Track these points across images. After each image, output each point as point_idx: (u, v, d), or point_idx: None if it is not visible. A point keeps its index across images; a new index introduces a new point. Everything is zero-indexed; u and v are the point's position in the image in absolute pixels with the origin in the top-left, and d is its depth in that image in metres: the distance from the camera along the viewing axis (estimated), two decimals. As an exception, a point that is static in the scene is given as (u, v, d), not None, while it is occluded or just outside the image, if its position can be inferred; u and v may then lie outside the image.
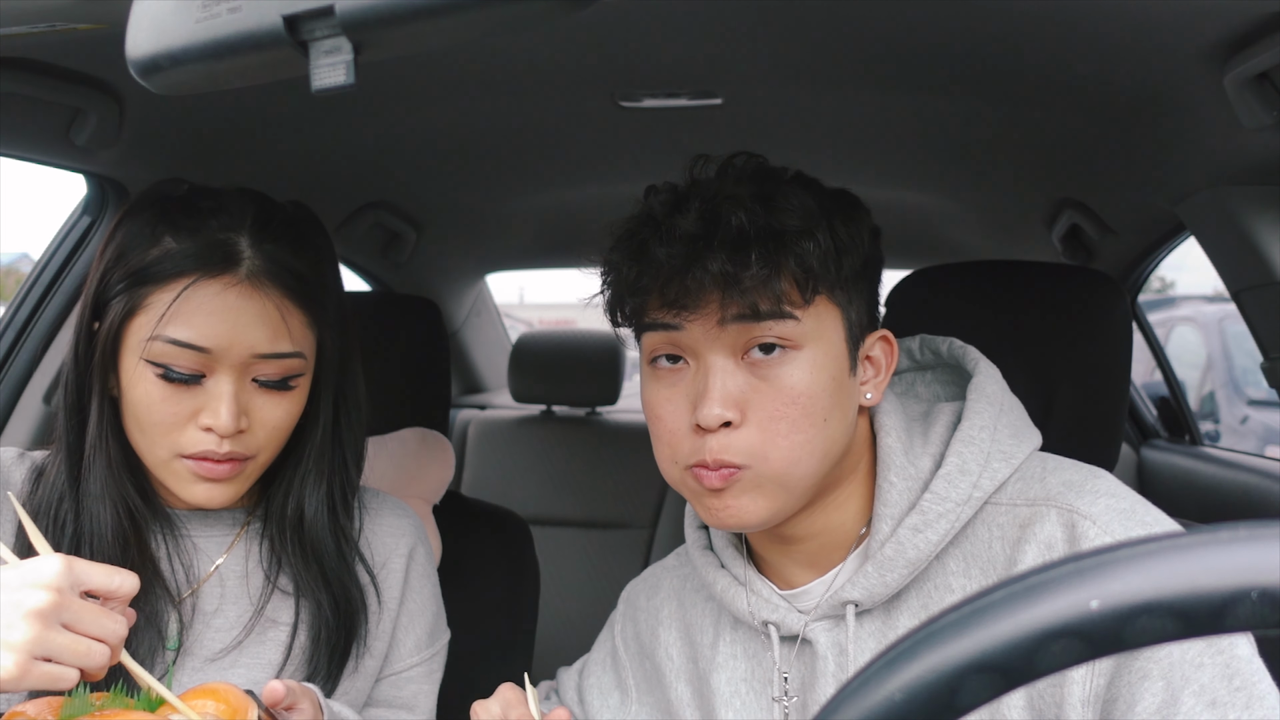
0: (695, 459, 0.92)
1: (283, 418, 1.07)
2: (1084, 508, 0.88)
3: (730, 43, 1.22)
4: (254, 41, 0.51)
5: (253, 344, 1.02)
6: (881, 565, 0.93)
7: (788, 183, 0.94)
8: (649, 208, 0.95)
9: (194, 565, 1.13)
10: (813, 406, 0.90)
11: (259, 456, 1.07)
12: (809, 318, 0.90)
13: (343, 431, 1.16)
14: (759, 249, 0.88)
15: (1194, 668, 0.81)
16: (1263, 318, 1.43)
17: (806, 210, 0.90)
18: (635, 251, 0.92)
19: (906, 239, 2.41)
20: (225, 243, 1.02)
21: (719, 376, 0.90)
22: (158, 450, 1.04)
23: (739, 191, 0.91)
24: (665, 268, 0.90)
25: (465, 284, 3.01)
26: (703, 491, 0.93)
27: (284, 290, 1.04)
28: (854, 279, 0.93)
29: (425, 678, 1.24)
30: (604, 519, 2.67)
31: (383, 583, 1.20)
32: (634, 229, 0.94)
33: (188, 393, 1.02)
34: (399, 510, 1.27)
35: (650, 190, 0.98)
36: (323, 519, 1.14)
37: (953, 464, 0.93)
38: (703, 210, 0.90)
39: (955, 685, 0.38)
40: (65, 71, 1.17)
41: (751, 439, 0.90)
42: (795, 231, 0.89)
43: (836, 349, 0.92)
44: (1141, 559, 0.38)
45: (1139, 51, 1.12)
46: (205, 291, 1.01)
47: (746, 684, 1.03)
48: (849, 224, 0.93)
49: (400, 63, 1.23)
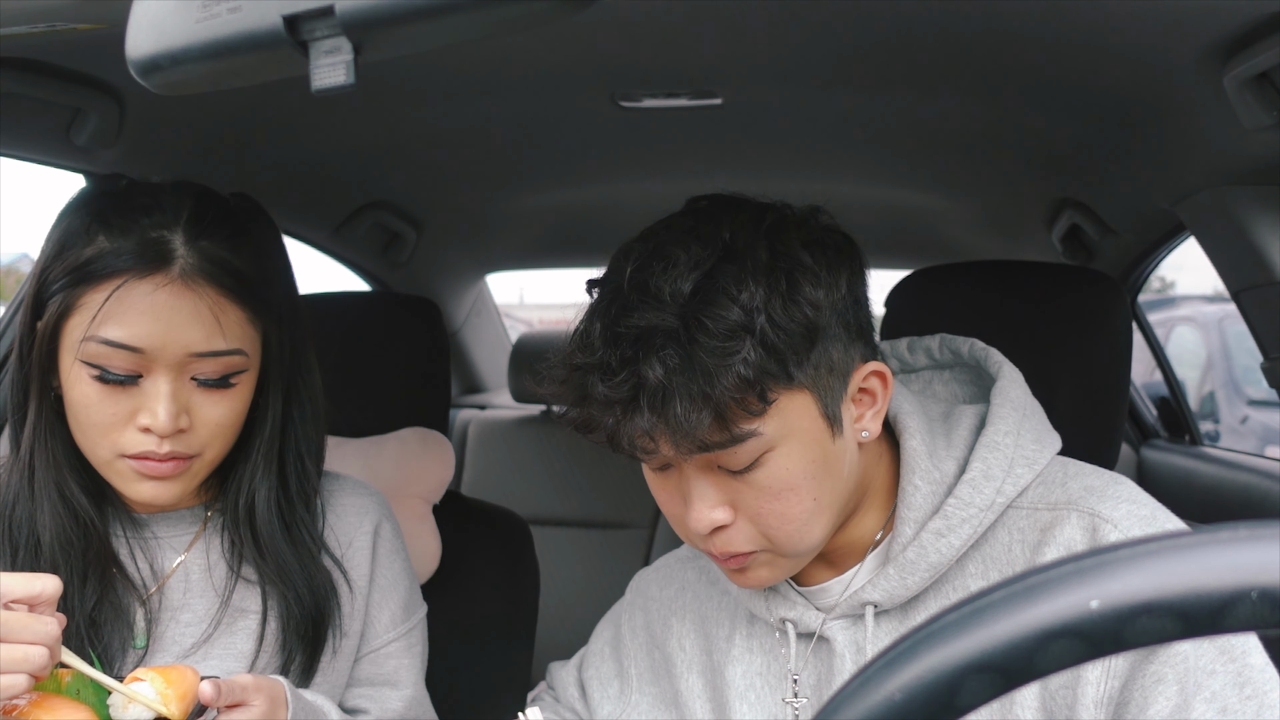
0: (704, 548, 0.94)
1: (226, 415, 1.06)
2: (1106, 512, 0.88)
3: (730, 43, 1.22)
4: (254, 41, 0.51)
5: (187, 343, 1.01)
6: (903, 568, 0.93)
7: (725, 272, 0.85)
8: (582, 345, 0.89)
9: (158, 561, 1.13)
10: (798, 493, 0.89)
11: (205, 454, 1.06)
12: (772, 419, 0.86)
13: (295, 425, 1.15)
14: (684, 397, 0.83)
15: (1206, 674, 0.81)
16: (1263, 318, 1.43)
17: (732, 327, 0.83)
18: (577, 398, 0.89)
19: (906, 239, 2.41)
20: (158, 241, 1.01)
21: (697, 487, 0.90)
22: (99, 451, 1.04)
23: (662, 321, 0.84)
24: (606, 424, 0.87)
25: (465, 284, 3.01)
26: (723, 565, 0.95)
27: (220, 288, 1.02)
28: (819, 347, 0.87)
29: (405, 652, 1.23)
30: (604, 519, 2.67)
31: (350, 562, 1.20)
32: (572, 368, 0.89)
33: (125, 393, 1.01)
34: (359, 490, 1.26)
35: (590, 286, 0.93)
36: (274, 513, 1.13)
37: (977, 469, 0.93)
38: (623, 362, 0.85)
39: (955, 685, 0.38)
40: (65, 71, 1.17)
41: (749, 531, 0.91)
42: (720, 362, 0.83)
43: (813, 431, 0.88)
44: (1141, 559, 0.38)
45: (1139, 51, 1.12)
46: (137, 291, 1.00)
47: (762, 678, 1.03)
48: (790, 305, 0.85)
49: (400, 63, 1.23)
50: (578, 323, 0.91)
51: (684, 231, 0.89)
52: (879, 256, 1.00)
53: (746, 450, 0.86)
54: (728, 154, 1.79)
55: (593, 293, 0.92)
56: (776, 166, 1.83)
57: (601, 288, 0.91)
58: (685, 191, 0.99)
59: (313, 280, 2.18)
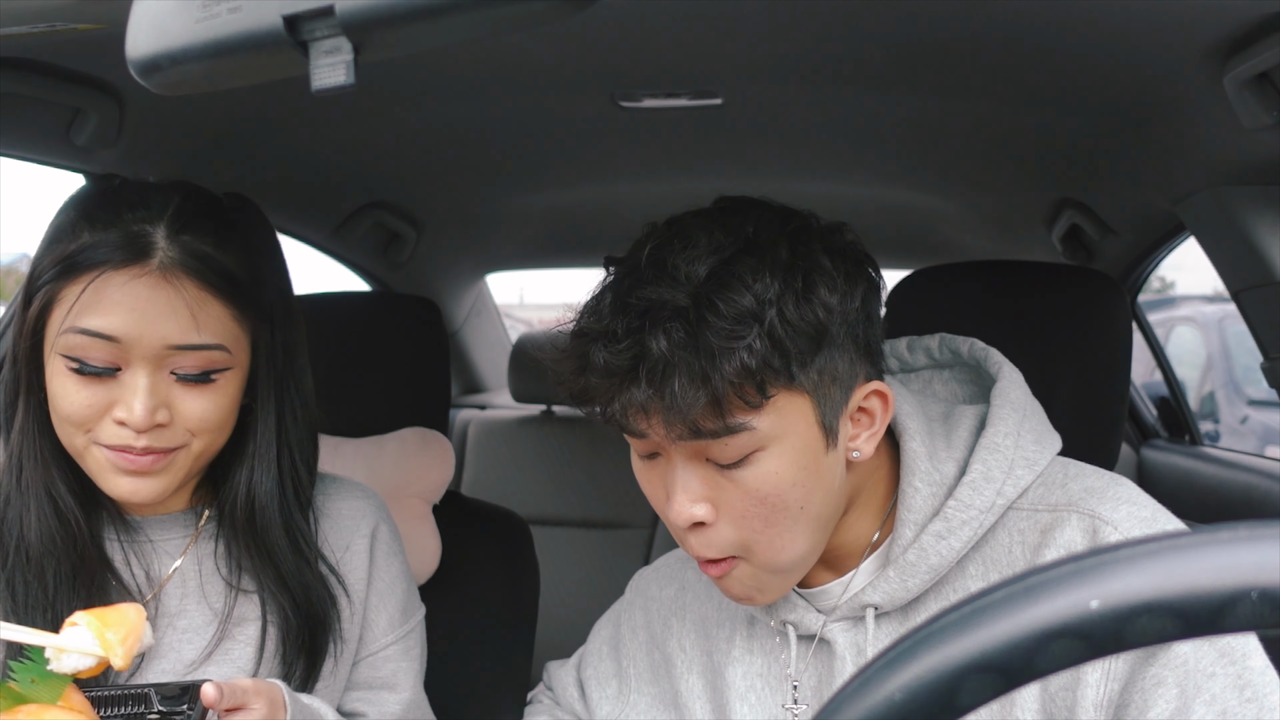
0: (685, 547, 0.93)
1: (207, 412, 1.04)
2: (1106, 513, 0.88)
3: (730, 43, 1.22)
4: (254, 41, 0.51)
5: (164, 335, 0.99)
6: (904, 570, 0.93)
7: (743, 262, 0.85)
8: (591, 312, 0.89)
9: (154, 566, 1.11)
10: (784, 501, 0.88)
11: (190, 445, 1.04)
12: (768, 415, 0.85)
13: (288, 429, 1.14)
14: (684, 374, 0.82)
15: (1206, 677, 0.81)
16: (1263, 318, 1.43)
17: (742, 313, 0.83)
18: (578, 366, 0.88)
19: (906, 239, 2.41)
20: (139, 234, 1.01)
21: (681, 476, 0.89)
22: (75, 440, 1.02)
23: (673, 298, 0.84)
24: (602, 394, 0.87)
25: (465, 284, 3.01)
26: (703, 569, 0.94)
27: (200, 282, 1.01)
28: (825, 353, 0.86)
29: (403, 655, 1.22)
30: (604, 519, 2.67)
31: (347, 566, 1.19)
32: (577, 334, 0.89)
33: (102, 386, 1.00)
34: (355, 493, 1.24)
35: (608, 262, 0.93)
36: (274, 516, 1.12)
37: (977, 471, 0.92)
38: (628, 331, 0.84)
39: (955, 685, 0.38)
40: (65, 71, 1.17)
41: (728, 535, 0.90)
42: (725, 345, 0.82)
43: (807, 437, 0.87)
44: (1141, 559, 0.38)
45: (1139, 52, 1.12)
46: (114, 282, 0.99)
47: (763, 679, 1.03)
48: (803, 304, 0.85)
49: (400, 63, 1.23)
50: (590, 294, 0.91)
51: (709, 219, 0.89)
52: (879, 256, 0.99)
53: (737, 444, 0.86)
54: (728, 154, 1.79)
55: (610, 270, 0.92)
56: (776, 166, 1.83)
57: (619, 265, 0.91)
58: (685, 191, 0.99)
59: (313, 280, 2.19)
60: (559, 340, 0.90)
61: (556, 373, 0.91)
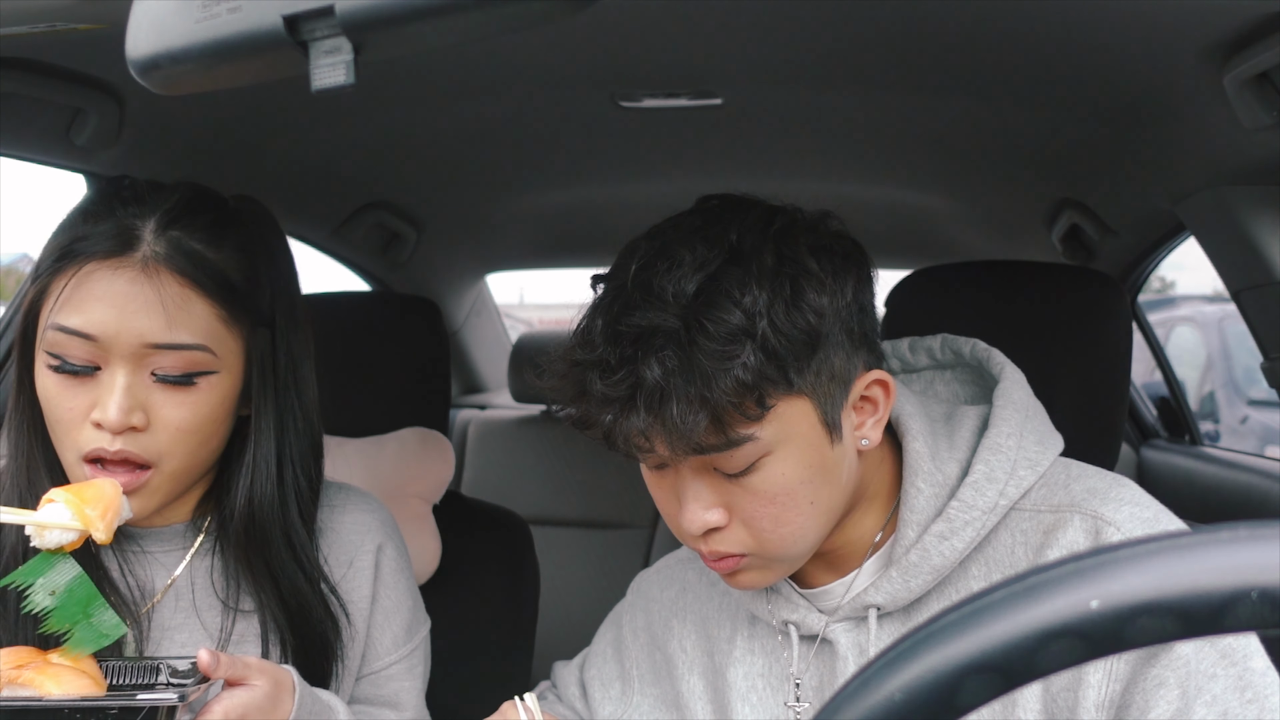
0: (696, 548, 0.94)
1: (187, 418, 0.99)
2: (1109, 514, 0.88)
3: (730, 43, 1.22)
4: (254, 41, 0.51)
5: (142, 332, 0.96)
6: (906, 571, 0.93)
7: (729, 275, 0.85)
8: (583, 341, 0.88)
9: (149, 578, 1.09)
10: (794, 499, 0.89)
11: (162, 465, 1.00)
12: (770, 424, 0.85)
13: (290, 441, 1.10)
14: (681, 399, 0.82)
15: (1207, 678, 0.81)
16: (1263, 318, 1.43)
17: (733, 330, 0.83)
18: (576, 394, 0.88)
19: (906, 239, 2.41)
20: (128, 227, 0.98)
21: (692, 487, 0.90)
22: (65, 452, 1.00)
23: (663, 321, 0.84)
24: (603, 422, 0.86)
25: (465, 284, 3.01)
26: (712, 567, 0.95)
27: (187, 279, 0.98)
28: (820, 354, 0.87)
29: (406, 674, 1.20)
30: (604, 519, 2.67)
31: (349, 584, 1.15)
32: (572, 363, 0.88)
33: (82, 386, 0.98)
34: (361, 505, 1.21)
35: (595, 281, 0.93)
36: (275, 530, 1.08)
37: (980, 472, 0.92)
38: (622, 360, 0.84)
39: (955, 685, 0.38)
40: (65, 71, 1.17)
41: (741, 535, 0.91)
42: (719, 365, 0.82)
43: (811, 437, 0.88)
44: (1141, 559, 0.38)
45: (1139, 51, 1.12)
46: (97, 276, 0.97)
47: (764, 679, 1.03)
48: (793, 311, 0.84)
49: (400, 63, 1.23)
50: (580, 318, 0.91)
51: (691, 231, 0.89)
52: (879, 256, 0.99)
53: (743, 454, 0.86)
54: (728, 154, 1.79)
55: (597, 288, 0.92)
56: (776, 166, 1.83)
57: (606, 284, 0.91)
58: (685, 191, 0.99)
59: (313, 280, 2.18)
60: (556, 368, 0.90)
61: (555, 400, 0.91)
